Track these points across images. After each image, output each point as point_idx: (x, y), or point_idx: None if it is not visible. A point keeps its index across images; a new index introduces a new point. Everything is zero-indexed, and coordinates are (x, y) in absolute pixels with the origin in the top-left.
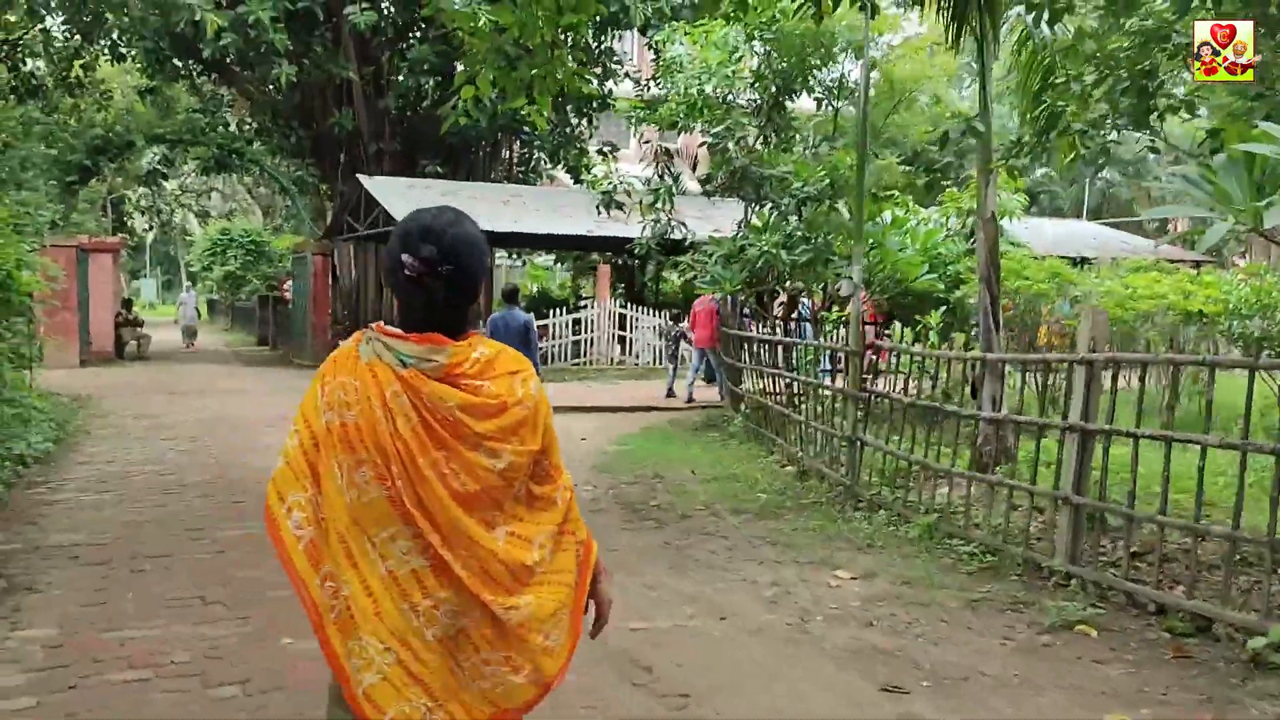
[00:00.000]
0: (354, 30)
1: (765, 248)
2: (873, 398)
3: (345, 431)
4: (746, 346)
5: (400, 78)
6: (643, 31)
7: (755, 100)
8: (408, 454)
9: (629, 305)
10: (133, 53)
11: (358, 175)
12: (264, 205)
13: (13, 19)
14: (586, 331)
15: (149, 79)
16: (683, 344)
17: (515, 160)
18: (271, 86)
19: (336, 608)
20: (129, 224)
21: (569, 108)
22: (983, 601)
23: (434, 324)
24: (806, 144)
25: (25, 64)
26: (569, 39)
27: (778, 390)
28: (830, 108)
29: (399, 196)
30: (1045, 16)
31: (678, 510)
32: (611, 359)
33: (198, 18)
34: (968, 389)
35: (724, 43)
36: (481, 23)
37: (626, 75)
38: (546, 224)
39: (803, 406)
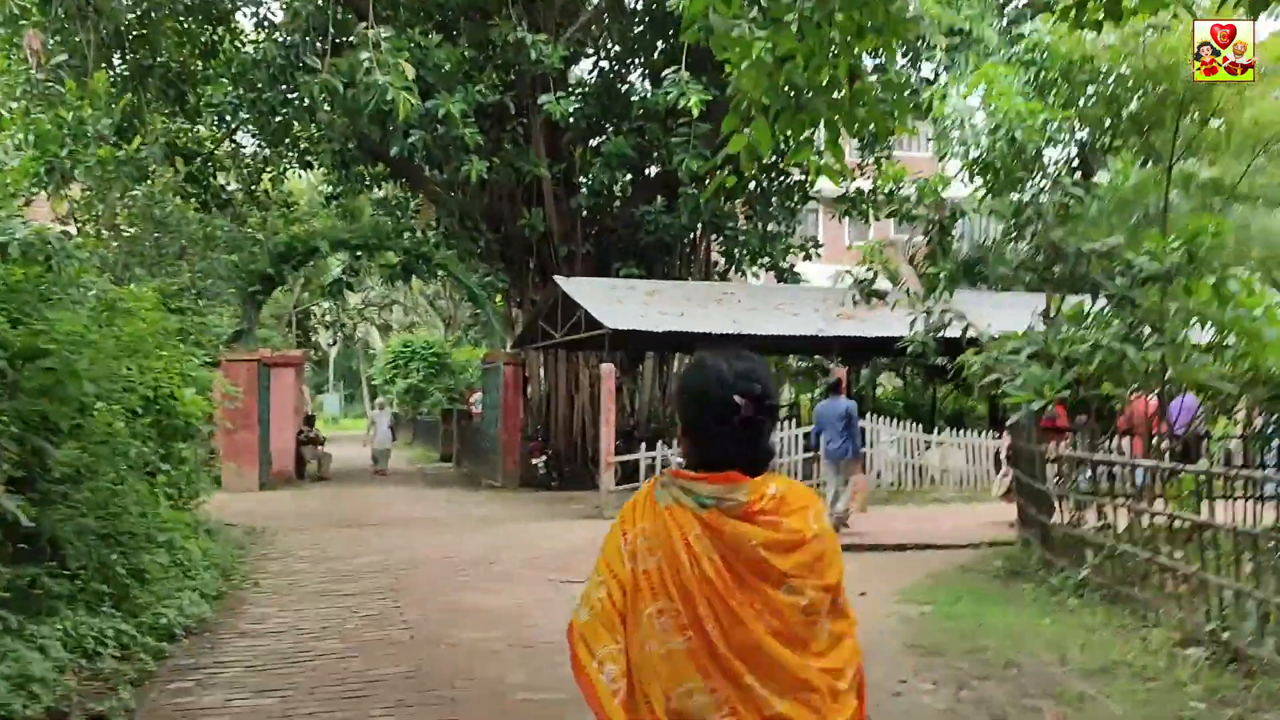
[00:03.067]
0: (546, 120)
1: (1105, 342)
2: None
3: (649, 578)
4: (1100, 470)
5: (591, 175)
6: None
7: (1062, 158)
8: (716, 596)
9: (872, 417)
10: (319, 162)
11: (555, 278)
12: (445, 317)
13: (204, 132)
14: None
15: (333, 185)
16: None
17: (714, 261)
18: (457, 191)
19: None
20: (313, 338)
21: (772, 200)
22: None
23: (751, 460)
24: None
25: (215, 178)
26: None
27: (1143, 529)
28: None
29: (601, 299)
30: None
31: None
32: None
33: (389, 97)
34: None
35: (1016, 89)
36: (756, 53)
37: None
38: (770, 324)
39: (1208, 559)
